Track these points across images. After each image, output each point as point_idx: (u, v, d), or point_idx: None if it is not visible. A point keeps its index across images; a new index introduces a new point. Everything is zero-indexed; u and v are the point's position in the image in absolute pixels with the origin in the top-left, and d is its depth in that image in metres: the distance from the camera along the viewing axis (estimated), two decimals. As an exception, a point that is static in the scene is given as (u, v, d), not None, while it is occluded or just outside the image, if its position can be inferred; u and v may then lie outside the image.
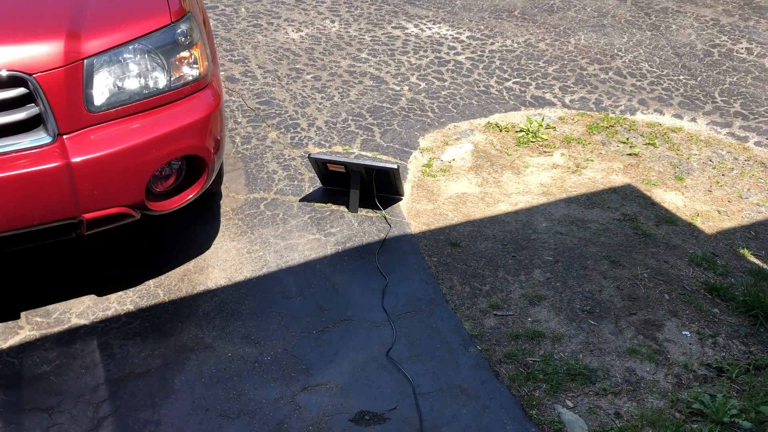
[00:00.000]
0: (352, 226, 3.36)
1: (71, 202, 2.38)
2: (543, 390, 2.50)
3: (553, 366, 2.60)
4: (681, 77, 5.09)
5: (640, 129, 4.37)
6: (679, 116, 4.57)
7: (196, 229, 3.32)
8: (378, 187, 3.47)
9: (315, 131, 4.19)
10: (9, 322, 2.71)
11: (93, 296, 2.86)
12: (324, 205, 3.52)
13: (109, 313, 2.79)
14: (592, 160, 4.02)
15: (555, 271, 3.11)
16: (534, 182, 3.79)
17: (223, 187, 3.59)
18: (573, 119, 4.47)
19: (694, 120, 4.53)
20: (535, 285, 3.02)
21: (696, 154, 4.12)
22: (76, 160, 2.34)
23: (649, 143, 4.20)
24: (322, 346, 2.67)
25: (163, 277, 2.99)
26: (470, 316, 2.83)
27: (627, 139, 4.24)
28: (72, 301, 2.83)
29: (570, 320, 2.83)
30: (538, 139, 4.19)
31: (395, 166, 3.32)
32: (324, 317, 2.81)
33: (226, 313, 2.82)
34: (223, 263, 3.09)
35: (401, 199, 3.58)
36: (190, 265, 3.07)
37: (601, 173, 3.91)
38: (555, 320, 2.83)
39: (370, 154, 3.96)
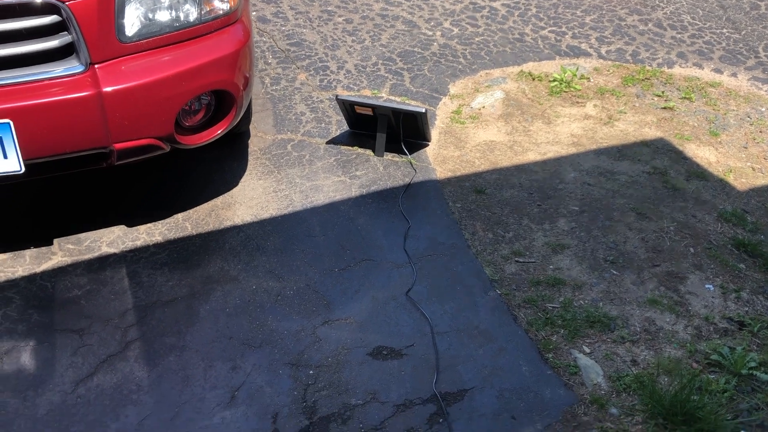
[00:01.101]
0: (378, 170, 3.37)
1: (102, 131, 2.42)
2: (560, 335, 2.52)
3: (572, 312, 2.61)
4: (724, 30, 4.93)
5: (677, 83, 4.27)
6: (718, 71, 4.44)
7: (224, 166, 3.35)
8: (405, 132, 3.46)
9: (344, 74, 4.17)
10: (42, 248, 2.80)
11: (123, 227, 2.93)
12: (350, 148, 3.52)
13: (138, 243, 2.86)
14: (625, 113, 3.94)
15: (580, 221, 3.09)
16: (564, 132, 3.74)
17: (251, 127, 3.61)
18: (608, 70, 4.38)
19: (734, 75, 4.40)
20: (559, 234, 3.01)
21: (734, 110, 4.02)
22: (107, 89, 2.36)
23: (685, 97, 4.11)
24: (344, 284, 2.71)
25: (191, 211, 3.05)
26: (491, 261, 2.84)
27: (662, 92, 4.15)
28: (102, 230, 2.91)
29: (592, 269, 2.83)
30: (572, 89, 4.11)
31: (423, 110, 3.30)
32: (346, 256, 2.85)
33: (252, 248, 2.87)
34: (249, 201, 3.13)
35: (428, 144, 3.57)
36: (218, 201, 3.12)
37: (633, 126, 3.84)
38: (577, 269, 2.83)
39: (398, 99, 3.93)
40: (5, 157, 2.31)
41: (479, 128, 3.74)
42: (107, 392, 2.25)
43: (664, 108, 4.00)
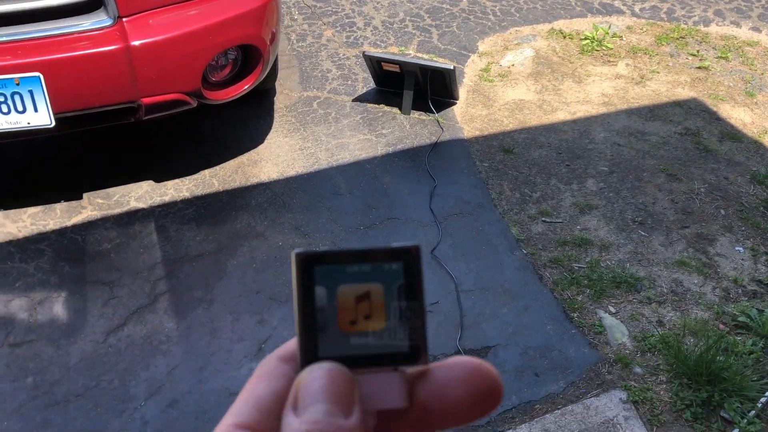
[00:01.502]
0: (404, 128, 3.34)
1: (130, 85, 2.43)
2: (586, 295, 2.51)
3: (598, 273, 2.59)
4: (763, -12, 4.76)
5: (713, 42, 4.15)
6: (757, 29, 4.30)
7: (250, 123, 3.35)
8: (432, 90, 3.42)
9: (371, 31, 4.11)
10: (72, 202, 2.84)
11: (151, 182, 2.96)
12: (376, 106, 3.50)
13: (166, 198, 2.88)
14: (658, 72, 3.85)
15: (609, 181, 3.05)
16: (595, 92, 3.67)
17: (277, 84, 3.60)
18: (641, 29, 4.26)
19: (772, 34, 4.26)
20: (587, 194, 2.98)
21: (771, 70, 3.90)
22: (135, 43, 2.36)
23: (721, 57, 3.99)
24: (369, 242, 2.72)
25: (218, 167, 3.06)
26: (518, 221, 2.83)
27: (697, 51, 4.03)
28: (131, 185, 2.94)
29: (620, 230, 2.80)
30: (603, 47, 4.02)
31: (451, 67, 3.25)
32: (372, 215, 2.85)
33: (278, 206, 2.88)
34: (275, 158, 3.13)
35: (455, 103, 3.53)
36: (244, 158, 3.13)
37: (666, 86, 3.75)
38: (604, 229, 2.80)
39: (426, 56, 3.88)
40: (36, 110, 2.33)
41: (508, 87, 3.68)
42: (137, 342, 2.30)
43: (699, 68, 3.89)
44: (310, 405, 0.36)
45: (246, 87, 2.76)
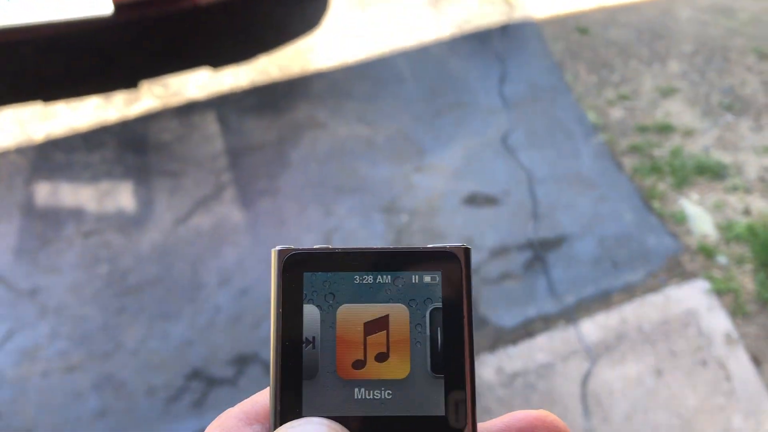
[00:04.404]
0: (471, 8, 3.13)
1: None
2: (668, 183, 2.37)
3: (681, 160, 2.44)
4: None
5: None
6: None
7: (306, 7, 3.19)
8: (500, -33, 3.17)
9: None
10: (130, 92, 2.78)
11: (208, 71, 2.87)
12: (440, -14, 3.28)
13: (225, 88, 2.80)
14: (749, -59, 3.49)
15: (693, 62, 2.83)
16: (677, -35, 3.36)
17: (333, -35, 3.39)
18: None
19: None
20: (670, 76, 2.77)
21: None
22: None
23: None
24: (436, 130, 2.60)
25: (275, 55, 2.95)
26: (595, 105, 2.66)
27: None
28: (189, 75, 2.86)
29: (705, 114, 2.61)
30: None
31: (522, -60, 2.99)
32: (438, 102, 2.72)
33: (339, 94, 2.77)
34: (334, 43, 2.99)
35: (524, -19, 3.28)
36: (302, 43, 3.00)
37: (758, -44, 3.40)
38: (688, 114, 2.61)
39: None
40: (91, -6, 2.24)
41: (581, -38, 3.40)
42: (205, 232, 2.29)
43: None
44: None
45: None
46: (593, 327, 2.02)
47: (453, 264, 0.26)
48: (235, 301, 2.11)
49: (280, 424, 0.25)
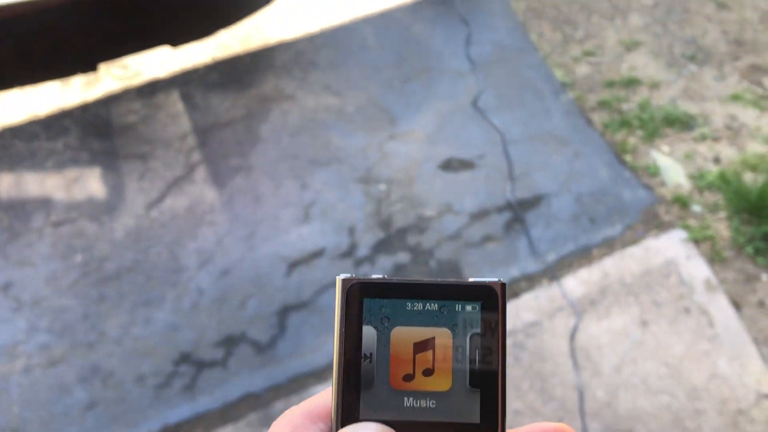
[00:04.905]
0: (430, -28, 3.09)
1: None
2: (638, 136, 2.41)
3: (649, 112, 2.47)
4: None
5: None
6: None
7: (263, -22, 3.11)
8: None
9: None
10: (89, 75, 2.68)
11: (167, 49, 2.78)
12: (398, -51, 3.22)
13: (187, 65, 2.72)
14: None
15: (654, 14, 2.85)
16: None
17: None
18: None
19: None
20: (632, 30, 2.79)
21: None
22: None
23: None
24: (406, 97, 2.58)
25: (235, 28, 2.87)
26: (561, 63, 2.66)
27: None
28: (147, 54, 2.76)
29: (669, 66, 2.64)
30: None
31: None
32: (406, 67, 2.69)
33: (304, 64, 2.72)
34: (295, 13, 2.92)
35: (482, -60, 3.24)
36: (262, 15, 2.92)
37: None
38: (653, 66, 2.64)
39: None
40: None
41: None
42: (180, 214, 2.24)
43: None
44: None
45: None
46: (576, 283, 2.05)
47: (491, 296, 0.31)
48: (217, 281, 2.08)
49: (342, 426, 0.29)
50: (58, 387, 1.89)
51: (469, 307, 0.31)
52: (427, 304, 0.31)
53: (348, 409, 0.30)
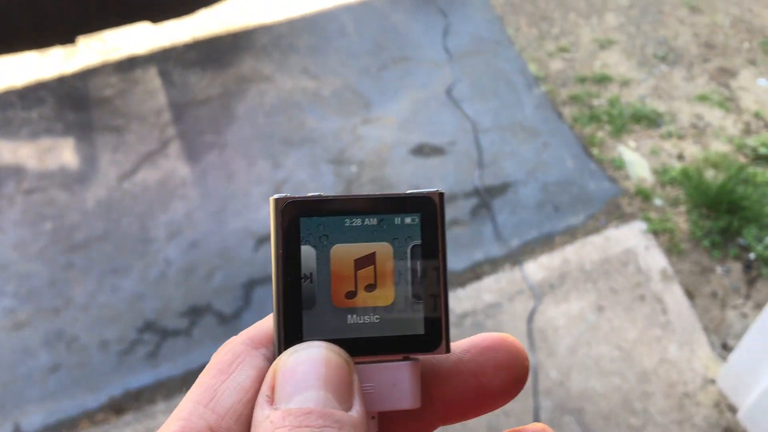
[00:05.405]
0: (413, -37, 3.14)
1: None
2: (606, 131, 2.46)
3: (618, 109, 2.53)
4: None
5: None
6: None
7: (247, -38, 3.14)
8: None
9: None
10: (67, 48, 2.70)
11: (147, 25, 2.80)
12: (382, -60, 3.26)
13: (166, 42, 2.74)
14: None
15: (629, 15, 2.91)
16: None
17: None
18: None
19: None
20: (607, 29, 2.85)
21: None
22: None
23: None
24: (382, 83, 2.62)
25: (217, 8, 2.89)
26: (536, 58, 2.72)
27: None
28: (127, 29, 2.78)
29: (641, 65, 2.70)
30: None
31: None
32: (383, 55, 2.73)
33: (284, 47, 2.75)
34: (277, -2, 2.96)
35: (466, -65, 3.29)
36: (244, -2, 2.95)
37: None
38: (625, 65, 2.71)
39: None
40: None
41: None
42: (152, 187, 2.26)
43: None
44: (296, 393, 0.26)
45: None
46: (537, 268, 2.10)
47: (430, 206, 0.30)
48: (185, 253, 2.10)
49: (285, 348, 0.28)
50: (22, 350, 1.90)
51: (408, 219, 0.30)
52: (366, 218, 0.30)
53: (290, 331, 0.29)
